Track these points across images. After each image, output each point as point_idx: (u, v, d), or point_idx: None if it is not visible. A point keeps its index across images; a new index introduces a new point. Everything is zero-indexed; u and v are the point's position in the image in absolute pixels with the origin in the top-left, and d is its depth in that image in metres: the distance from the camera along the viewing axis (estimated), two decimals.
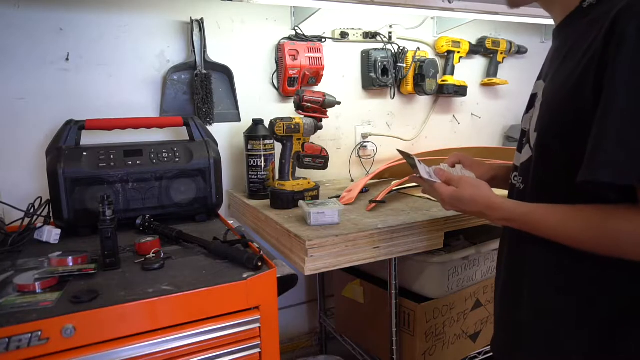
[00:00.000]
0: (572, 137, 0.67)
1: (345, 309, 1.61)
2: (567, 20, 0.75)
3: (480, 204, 0.79)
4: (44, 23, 1.30)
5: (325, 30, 1.70)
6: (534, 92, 0.82)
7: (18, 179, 1.31)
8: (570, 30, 0.74)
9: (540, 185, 0.76)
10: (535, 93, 0.81)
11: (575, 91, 0.66)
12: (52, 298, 0.76)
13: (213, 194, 1.25)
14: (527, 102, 0.84)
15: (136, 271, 0.89)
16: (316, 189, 1.34)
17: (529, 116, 0.82)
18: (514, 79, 2.12)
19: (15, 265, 0.92)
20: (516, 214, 0.74)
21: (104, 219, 0.89)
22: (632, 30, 0.58)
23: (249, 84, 1.59)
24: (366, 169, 1.83)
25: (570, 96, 0.67)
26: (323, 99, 1.33)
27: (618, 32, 0.60)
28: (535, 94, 0.81)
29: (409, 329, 1.34)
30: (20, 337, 0.68)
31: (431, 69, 1.80)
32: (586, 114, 0.64)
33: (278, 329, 0.88)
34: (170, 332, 0.78)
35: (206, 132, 1.33)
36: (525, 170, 0.80)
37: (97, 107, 1.38)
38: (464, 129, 2.08)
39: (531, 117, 0.79)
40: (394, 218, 1.18)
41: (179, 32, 1.46)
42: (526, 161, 0.79)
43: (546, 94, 0.75)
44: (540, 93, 0.77)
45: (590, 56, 0.64)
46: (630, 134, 0.59)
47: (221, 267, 0.91)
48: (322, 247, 1.03)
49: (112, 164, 1.14)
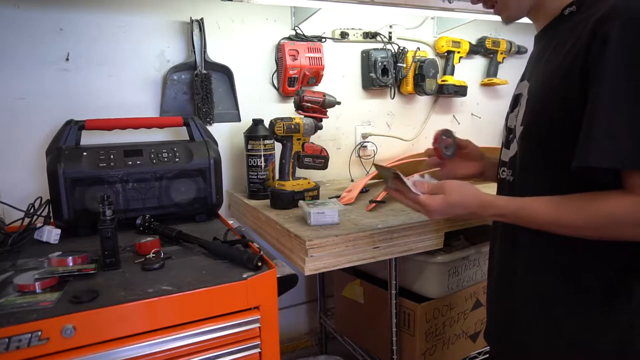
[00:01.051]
0: (558, 127, 0.73)
1: (345, 309, 1.61)
2: (549, 26, 0.83)
3: (472, 204, 0.81)
4: (44, 23, 1.30)
5: (325, 30, 1.69)
6: (518, 92, 0.88)
7: (18, 179, 1.31)
8: (551, 34, 0.81)
9: (528, 173, 0.81)
10: (519, 93, 0.87)
11: (562, 86, 0.72)
12: (52, 298, 0.76)
13: (213, 194, 1.25)
14: (511, 102, 0.90)
15: (136, 271, 0.89)
16: (316, 189, 1.34)
17: (514, 114, 0.87)
18: (514, 79, 2.09)
19: (15, 265, 0.92)
20: (509, 209, 0.78)
21: (104, 219, 0.89)
22: (616, 29, 0.65)
23: (249, 84, 1.59)
24: (366, 169, 1.83)
25: (556, 90, 0.73)
26: (323, 99, 1.33)
27: (602, 32, 0.66)
28: (520, 93, 0.86)
29: (409, 329, 1.34)
30: (20, 337, 0.68)
31: (431, 69, 1.80)
32: (573, 104, 0.70)
33: (278, 329, 0.88)
34: (170, 332, 0.78)
35: (206, 132, 1.33)
36: (513, 164, 0.85)
37: (97, 107, 1.38)
38: (464, 129, 2.07)
39: (517, 115, 0.85)
40: (394, 218, 1.18)
41: (179, 32, 1.46)
42: (514, 155, 0.85)
43: (531, 92, 0.81)
44: (525, 92, 0.83)
45: (574, 55, 0.70)
46: (618, 124, 0.65)
47: (221, 267, 0.91)
48: (322, 247, 1.03)
49: (112, 164, 1.14)
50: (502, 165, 0.91)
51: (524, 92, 0.83)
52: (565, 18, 0.79)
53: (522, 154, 0.82)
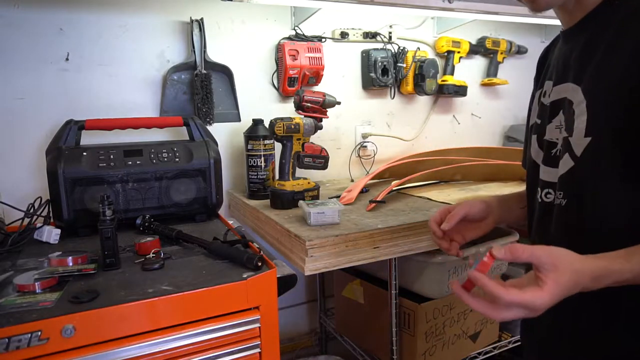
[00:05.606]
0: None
1: (345, 309, 1.61)
2: (590, 17, 0.71)
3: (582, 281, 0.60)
4: (44, 23, 1.30)
5: (325, 30, 1.69)
6: (559, 98, 0.75)
7: (18, 179, 1.31)
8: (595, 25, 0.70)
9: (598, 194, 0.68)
10: (562, 98, 0.74)
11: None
12: (52, 298, 0.76)
13: (213, 194, 1.25)
14: (541, 110, 0.79)
15: (136, 271, 0.89)
16: (316, 189, 1.34)
17: (554, 125, 0.76)
18: (514, 79, 2.12)
19: (15, 265, 0.92)
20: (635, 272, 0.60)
21: (104, 219, 0.89)
22: None
23: (249, 84, 1.59)
24: (366, 169, 1.83)
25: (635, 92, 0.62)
26: (323, 99, 1.33)
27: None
28: (564, 98, 0.74)
29: (409, 329, 1.34)
30: (20, 337, 0.68)
31: (431, 69, 1.80)
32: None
33: (278, 329, 0.87)
34: (170, 332, 0.78)
35: (206, 132, 1.33)
36: (567, 183, 0.72)
37: (97, 107, 1.38)
38: (464, 129, 2.08)
39: (562, 125, 0.73)
40: (394, 218, 1.18)
41: (179, 32, 1.46)
42: (566, 173, 0.72)
43: (595, 96, 0.68)
44: (576, 97, 0.70)
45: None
46: None
47: (221, 267, 0.91)
48: (322, 247, 1.03)
49: (112, 164, 1.14)
50: (546, 187, 0.77)
51: (575, 96, 0.71)
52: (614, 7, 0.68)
53: (588, 171, 0.68)
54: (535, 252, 0.59)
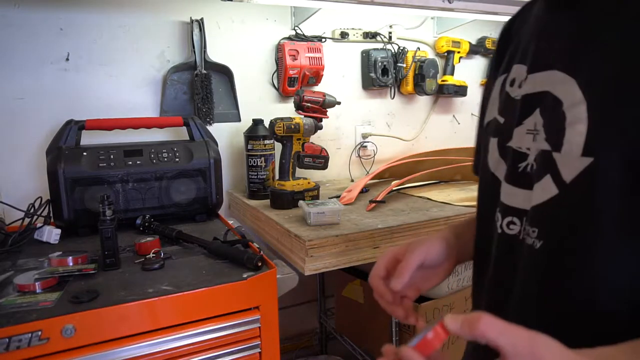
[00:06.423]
0: None
1: (345, 309, 1.61)
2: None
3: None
4: (44, 23, 1.30)
5: (325, 30, 1.69)
6: (539, 91, 0.51)
7: (18, 179, 1.31)
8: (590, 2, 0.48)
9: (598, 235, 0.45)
10: (542, 92, 0.50)
11: None
12: (52, 298, 0.76)
13: (213, 194, 1.25)
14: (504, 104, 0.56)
15: (136, 271, 0.89)
16: (316, 189, 1.34)
17: (525, 129, 0.52)
18: None
19: (15, 265, 0.92)
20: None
21: (104, 219, 0.89)
22: None
23: (249, 84, 1.59)
24: (366, 169, 1.83)
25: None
26: (323, 99, 1.33)
27: None
28: (545, 93, 0.50)
29: (409, 329, 1.33)
30: (20, 337, 0.68)
31: (431, 69, 1.80)
32: None
33: (278, 329, 0.88)
34: (170, 332, 0.78)
35: (206, 132, 1.33)
36: (546, 219, 0.49)
37: (97, 107, 1.38)
38: (464, 129, 2.07)
39: (535, 131, 0.51)
40: (394, 218, 1.18)
41: (179, 32, 1.46)
42: (545, 204, 0.49)
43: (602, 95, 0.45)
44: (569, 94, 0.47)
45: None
46: None
47: (221, 267, 0.91)
48: (322, 247, 1.03)
49: (112, 164, 1.14)
50: (509, 214, 0.54)
51: (566, 94, 0.47)
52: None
53: (583, 208, 0.46)
54: (508, 332, 0.40)
